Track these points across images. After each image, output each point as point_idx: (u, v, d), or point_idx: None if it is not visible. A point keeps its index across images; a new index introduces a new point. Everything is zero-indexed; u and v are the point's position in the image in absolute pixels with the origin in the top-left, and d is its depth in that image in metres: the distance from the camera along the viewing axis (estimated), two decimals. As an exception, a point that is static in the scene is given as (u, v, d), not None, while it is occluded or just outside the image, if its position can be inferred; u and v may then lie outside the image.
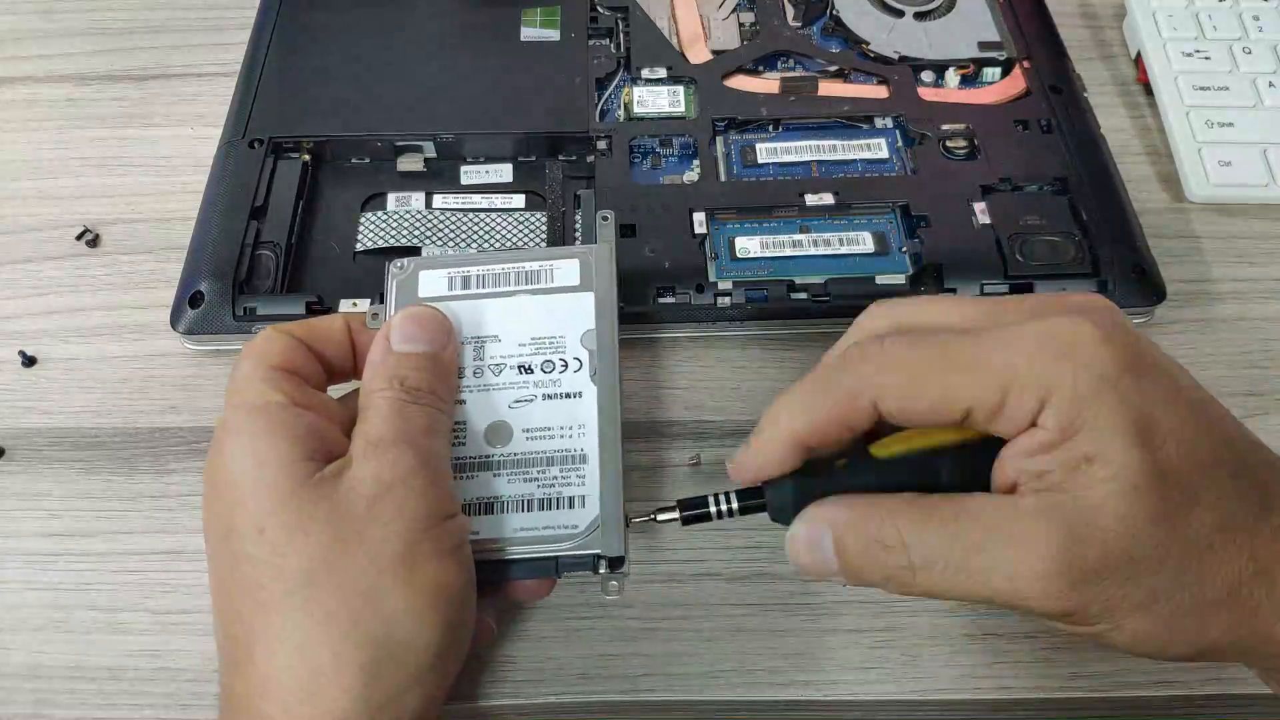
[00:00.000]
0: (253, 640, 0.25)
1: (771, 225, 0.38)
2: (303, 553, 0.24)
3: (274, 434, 0.26)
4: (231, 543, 0.25)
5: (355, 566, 0.24)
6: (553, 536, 0.28)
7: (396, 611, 0.24)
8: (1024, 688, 0.30)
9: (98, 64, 0.46)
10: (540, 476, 0.29)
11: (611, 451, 0.29)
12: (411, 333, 0.29)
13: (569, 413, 0.29)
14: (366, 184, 0.40)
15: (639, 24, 0.45)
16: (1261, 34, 0.44)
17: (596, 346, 0.30)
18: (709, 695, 0.30)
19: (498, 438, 0.29)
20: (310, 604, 0.24)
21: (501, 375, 0.30)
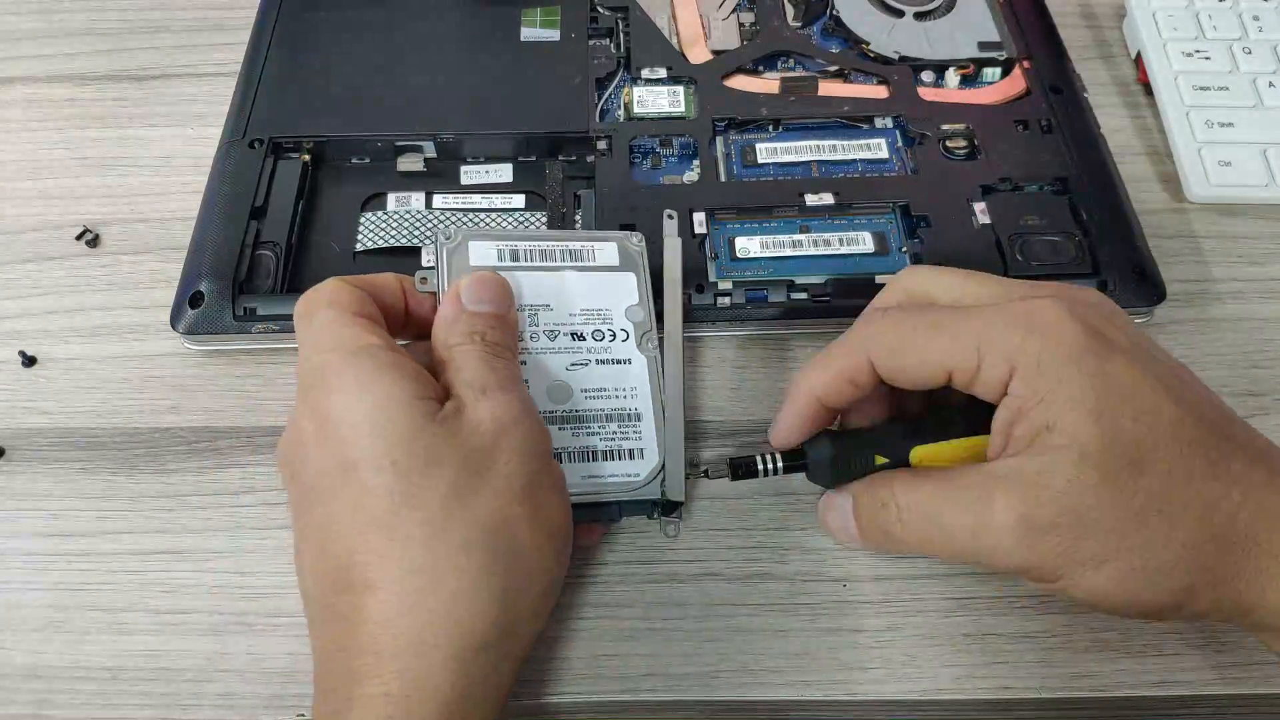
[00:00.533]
0: (378, 576, 0.25)
1: (771, 225, 0.38)
2: (438, 484, 0.25)
3: (388, 374, 0.27)
4: (356, 478, 0.26)
5: (487, 498, 0.26)
6: (616, 485, 0.31)
7: (524, 541, 0.26)
8: (1024, 688, 0.30)
9: (98, 64, 0.46)
10: (601, 431, 0.31)
11: (675, 410, 0.32)
12: (481, 294, 0.30)
13: (621, 376, 0.32)
14: (366, 184, 0.41)
15: (639, 24, 0.45)
16: (1261, 34, 0.44)
17: (643, 319, 0.33)
18: (709, 695, 0.30)
19: (559, 396, 0.31)
20: (448, 532, 0.25)
21: (557, 340, 0.32)
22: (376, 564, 0.25)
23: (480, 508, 0.26)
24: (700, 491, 0.34)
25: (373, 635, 0.25)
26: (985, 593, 0.32)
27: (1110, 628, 0.31)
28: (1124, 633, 0.31)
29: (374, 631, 0.25)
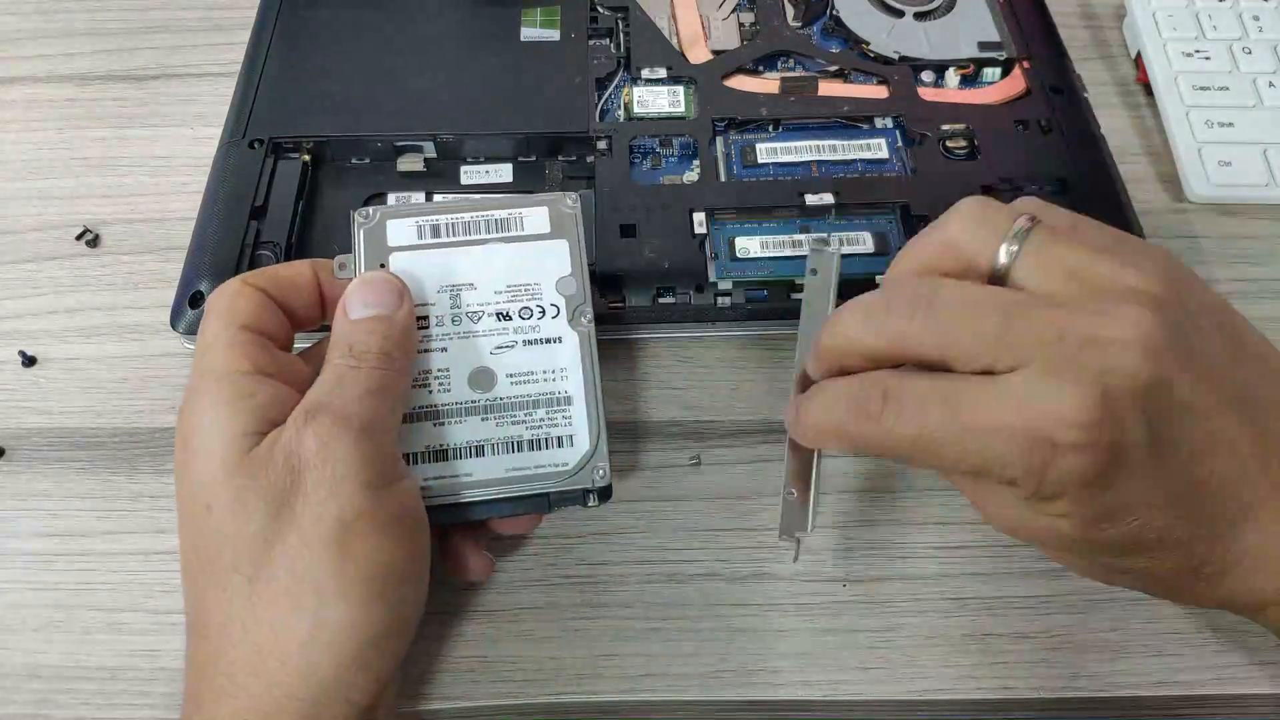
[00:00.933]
0: (209, 611, 0.25)
1: (771, 225, 0.38)
2: (243, 531, 0.25)
3: (230, 405, 0.26)
4: (188, 515, 0.26)
5: (290, 547, 0.25)
6: (544, 475, 0.29)
7: (331, 594, 0.24)
8: (1024, 688, 0.30)
9: (98, 64, 0.46)
10: (527, 419, 0.30)
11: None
12: (367, 297, 0.28)
13: (550, 357, 0.30)
14: (366, 184, 0.40)
15: (639, 24, 0.45)
16: (1261, 34, 0.44)
17: (575, 292, 0.31)
18: (709, 695, 0.30)
19: (482, 383, 0.30)
20: (254, 582, 0.25)
21: (480, 323, 0.30)
22: (206, 604, 0.25)
23: (282, 556, 0.25)
24: (700, 491, 0.34)
25: (209, 665, 0.25)
26: (985, 593, 0.32)
27: (1111, 628, 0.31)
28: (1124, 633, 0.31)
29: (209, 661, 0.25)
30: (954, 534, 0.33)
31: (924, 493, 0.33)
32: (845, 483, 0.34)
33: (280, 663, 0.24)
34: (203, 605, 0.26)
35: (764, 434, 0.35)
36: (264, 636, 0.24)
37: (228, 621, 0.25)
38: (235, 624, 0.25)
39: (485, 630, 0.31)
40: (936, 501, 0.33)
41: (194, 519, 0.26)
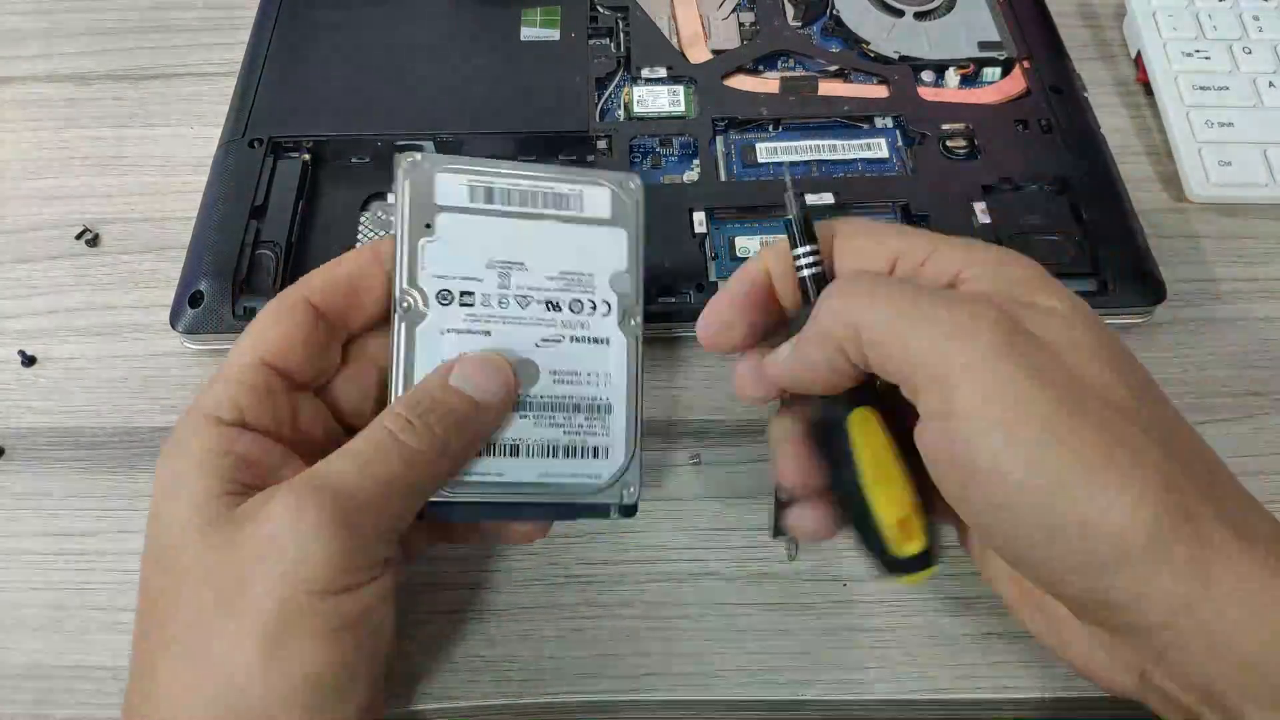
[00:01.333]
0: (148, 667, 0.24)
1: (772, 225, 0.38)
2: (188, 603, 0.23)
3: (203, 462, 0.24)
4: (145, 567, 0.25)
5: (226, 633, 0.23)
6: (576, 486, 0.28)
7: (255, 692, 0.22)
8: (1024, 687, 0.30)
9: (97, 64, 0.46)
10: (566, 423, 0.28)
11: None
12: (473, 373, 0.26)
13: (596, 359, 0.28)
14: (367, 183, 0.40)
15: (639, 23, 0.45)
16: (1261, 34, 0.44)
17: (629, 290, 0.29)
18: (710, 695, 0.30)
19: (525, 376, 0.28)
20: (185, 659, 0.23)
21: (529, 309, 0.28)
22: (145, 659, 0.24)
23: (216, 641, 0.23)
24: (700, 491, 0.34)
25: (141, 711, 0.24)
26: (986, 592, 0.31)
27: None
28: (1124, 632, 0.31)
29: (142, 708, 0.24)
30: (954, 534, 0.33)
31: (924, 492, 0.33)
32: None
33: None
34: (137, 663, 0.24)
35: (764, 434, 0.34)
36: (186, 715, 0.23)
37: (157, 686, 0.23)
38: (162, 690, 0.23)
39: (484, 630, 0.31)
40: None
41: (146, 569, 0.25)
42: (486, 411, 0.27)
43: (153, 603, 0.24)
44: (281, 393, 0.26)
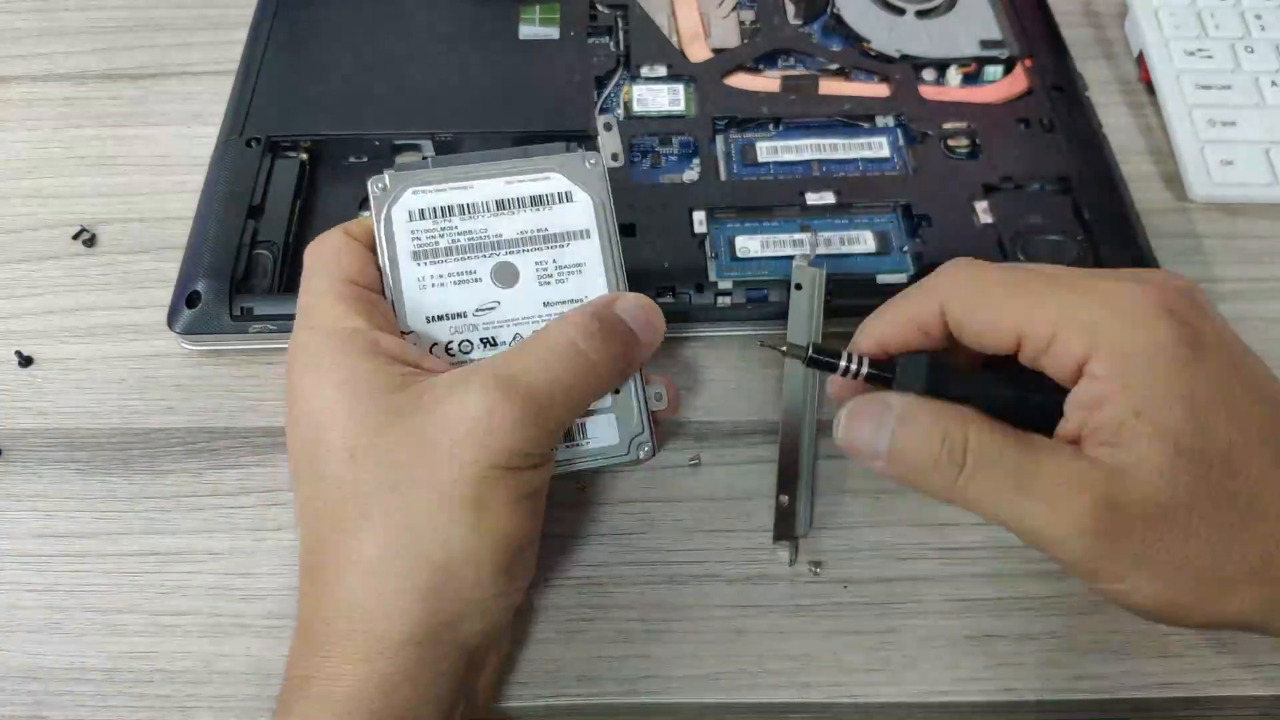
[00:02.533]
0: (329, 562, 0.26)
1: (772, 225, 0.38)
2: (382, 480, 0.25)
3: (360, 360, 0.26)
4: (317, 465, 0.26)
5: (425, 501, 0.25)
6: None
7: (456, 551, 0.25)
8: (1026, 689, 0.30)
9: (95, 63, 0.46)
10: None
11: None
12: (636, 309, 0.29)
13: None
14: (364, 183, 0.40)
15: (639, 22, 0.45)
16: (1264, 32, 0.44)
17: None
18: (710, 697, 0.30)
19: None
20: (380, 530, 0.25)
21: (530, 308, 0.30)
22: (326, 554, 0.26)
23: (415, 509, 0.25)
24: (700, 491, 0.33)
25: (328, 615, 0.25)
26: (987, 594, 0.31)
27: (1113, 630, 0.31)
28: (1126, 635, 0.31)
29: (328, 611, 0.25)
30: (956, 535, 0.33)
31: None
32: (846, 483, 0.34)
33: (401, 610, 0.25)
34: (325, 554, 0.26)
35: (764, 434, 0.34)
36: (387, 584, 0.25)
37: (349, 568, 0.25)
38: (357, 570, 0.25)
39: (484, 632, 0.31)
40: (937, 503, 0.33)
41: (324, 466, 0.26)
42: (645, 349, 0.29)
43: (331, 490, 0.26)
44: (378, 301, 0.29)
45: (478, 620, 0.26)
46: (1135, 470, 0.23)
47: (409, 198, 0.30)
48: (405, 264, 0.30)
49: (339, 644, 0.25)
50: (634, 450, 0.30)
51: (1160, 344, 0.24)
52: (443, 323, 0.30)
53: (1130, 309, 0.24)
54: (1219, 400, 0.23)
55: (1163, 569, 0.23)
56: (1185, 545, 0.23)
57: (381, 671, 0.25)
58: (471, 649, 0.26)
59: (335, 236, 0.29)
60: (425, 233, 0.30)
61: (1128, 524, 0.23)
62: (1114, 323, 0.24)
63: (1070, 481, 0.23)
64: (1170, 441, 0.23)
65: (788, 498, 0.32)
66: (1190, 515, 0.23)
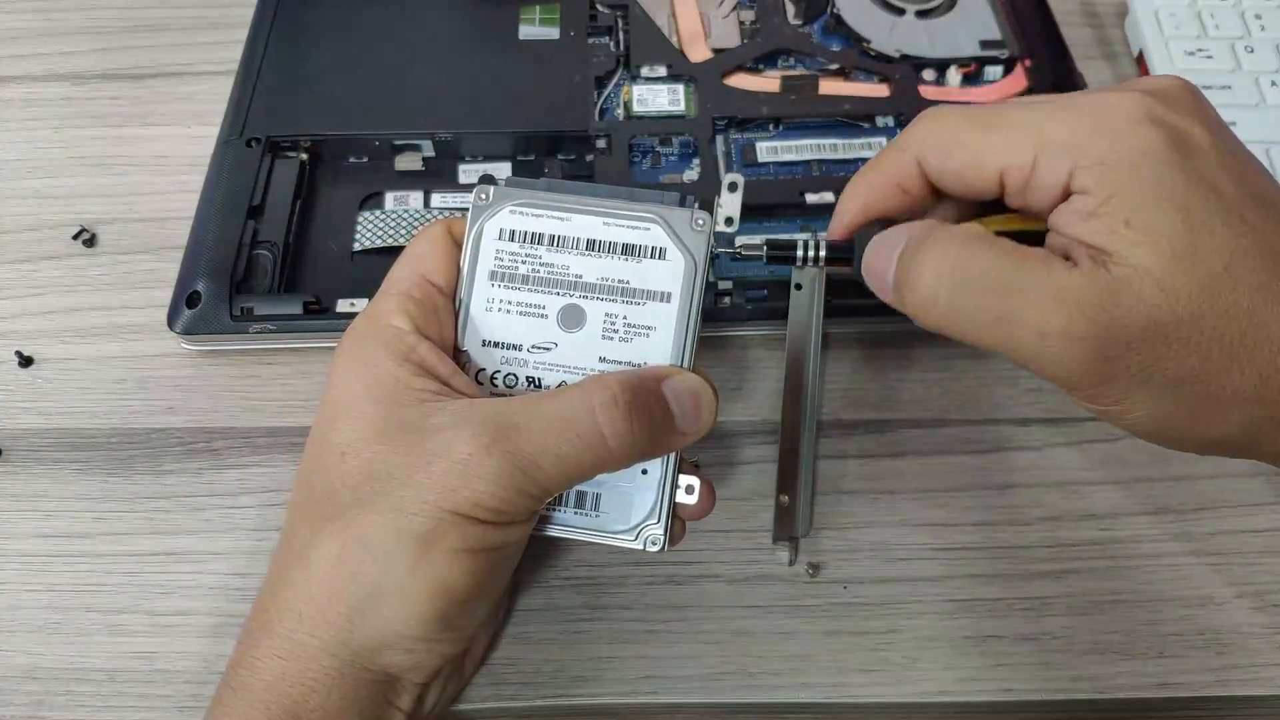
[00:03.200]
0: (288, 553, 0.26)
1: (772, 225, 0.38)
2: (358, 487, 0.25)
3: (388, 364, 0.26)
4: (318, 454, 0.26)
5: (382, 522, 0.24)
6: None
7: (390, 583, 0.24)
8: (1025, 690, 0.30)
9: (94, 63, 0.46)
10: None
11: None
12: (686, 397, 0.27)
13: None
14: (364, 183, 0.40)
15: (638, 22, 0.45)
16: (1264, 33, 0.44)
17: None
18: (710, 698, 0.30)
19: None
20: (338, 537, 0.25)
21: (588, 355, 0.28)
22: (291, 544, 0.26)
23: (371, 527, 0.24)
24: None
25: (262, 609, 0.26)
26: (987, 595, 0.31)
27: (1113, 630, 0.31)
28: (1126, 635, 0.31)
29: (265, 606, 0.26)
30: (955, 535, 0.33)
31: (925, 494, 0.33)
32: (846, 484, 0.34)
33: (325, 620, 0.24)
34: (290, 539, 0.26)
35: (764, 434, 0.34)
36: (320, 590, 0.25)
37: (302, 566, 0.25)
38: (307, 569, 0.25)
39: (484, 632, 0.31)
40: (938, 503, 0.33)
41: (322, 455, 0.26)
42: (679, 439, 0.27)
43: (320, 481, 0.26)
44: (443, 308, 0.28)
45: (399, 656, 0.25)
46: (1130, 282, 0.22)
47: (505, 215, 0.29)
48: (480, 281, 0.29)
49: (267, 637, 0.25)
50: (642, 539, 0.28)
51: (1145, 150, 0.22)
52: (496, 350, 0.28)
53: (1110, 119, 0.23)
54: (1214, 203, 0.22)
55: (1160, 387, 0.22)
56: (1184, 361, 0.22)
57: (297, 672, 0.24)
58: (396, 678, 0.26)
59: (438, 228, 0.29)
60: (509, 255, 0.29)
61: (1124, 339, 0.22)
62: (1094, 135, 0.23)
63: (1063, 297, 0.22)
64: (1165, 248, 0.22)
65: (788, 498, 0.32)
66: (1190, 328, 0.22)
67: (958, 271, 0.23)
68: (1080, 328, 0.22)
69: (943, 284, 0.24)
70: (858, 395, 0.36)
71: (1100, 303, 0.22)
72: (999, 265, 0.23)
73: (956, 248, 0.24)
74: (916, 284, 0.24)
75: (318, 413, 0.27)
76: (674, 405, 0.26)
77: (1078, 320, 0.22)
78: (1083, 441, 0.34)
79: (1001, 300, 0.23)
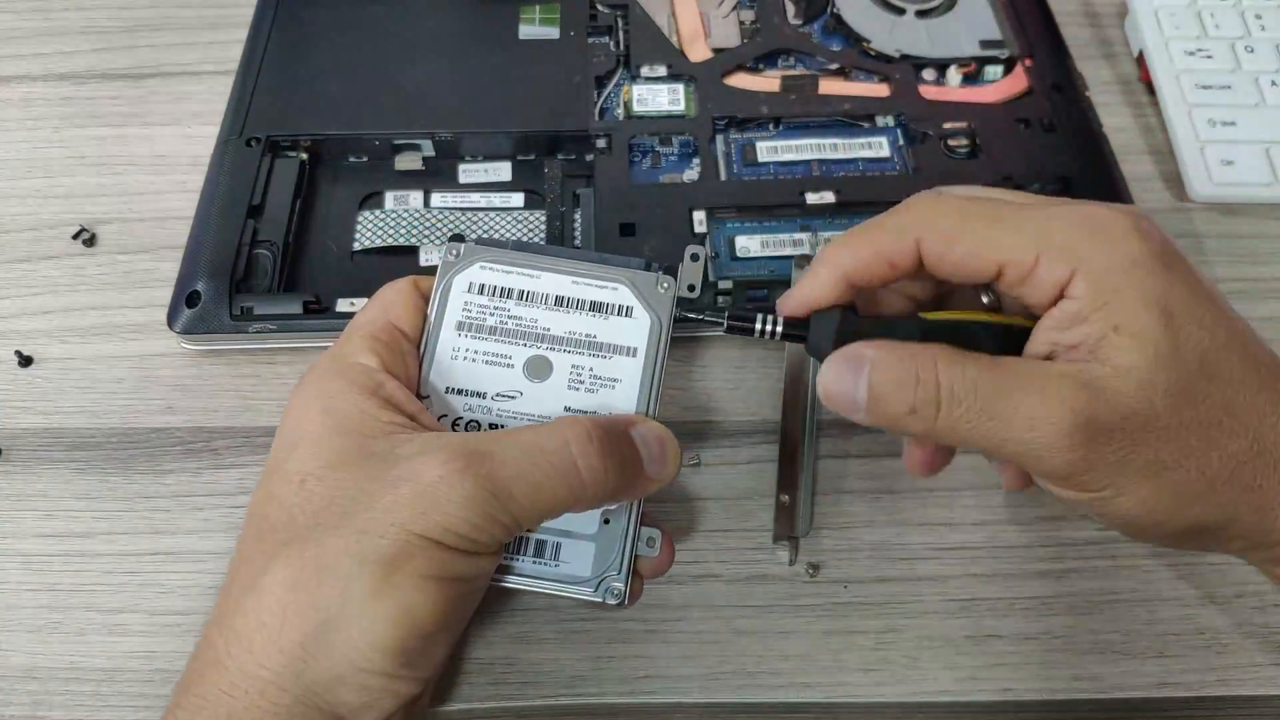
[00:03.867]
0: (240, 580, 0.25)
1: (772, 224, 0.38)
2: (318, 512, 0.24)
3: (354, 396, 0.26)
4: (272, 483, 0.26)
5: (343, 547, 0.24)
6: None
7: (351, 609, 0.23)
8: (1025, 690, 0.30)
9: (94, 63, 0.46)
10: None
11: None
12: (653, 444, 0.27)
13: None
14: (364, 183, 0.40)
15: (638, 22, 0.45)
16: (1264, 32, 0.44)
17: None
18: (709, 698, 0.30)
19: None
20: (294, 562, 0.24)
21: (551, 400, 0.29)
22: (243, 570, 0.25)
23: (328, 553, 0.24)
24: (700, 491, 0.33)
25: (210, 639, 0.25)
26: (987, 595, 0.31)
27: (1113, 630, 0.31)
28: (1125, 634, 0.31)
29: (213, 636, 0.25)
30: (955, 535, 0.33)
31: (925, 493, 0.33)
32: (846, 484, 0.34)
33: (277, 647, 0.23)
34: (241, 566, 0.25)
35: (764, 434, 0.34)
36: (273, 616, 0.24)
37: (252, 594, 0.24)
38: (257, 596, 0.24)
39: (483, 632, 0.31)
40: (938, 503, 0.33)
41: (277, 484, 0.25)
42: (646, 483, 0.27)
43: (276, 507, 0.25)
44: (408, 352, 0.29)
45: (354, 693, 0.24)
46: (1115, 381, 0.24)
47: (476, 270, 0.30)
48: (447, 331, 0.29)
49: (215, 671, 0.24)
50: (601, 591, 0.27)
51: (1136, 259, 0.24)
52: (460, 397, 0.29)
53: (1106, 228, 0.25)
54: (1191, 309, 0.24)
55: (1142, 477, 0.24)
56: (1164, 448, 0.24)
57: (239, 713, 0.23)
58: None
59: (403, 282, 0.30)
60: (478, 307, 0.29)
61: (1108, 433, 0.24)
62: (1093, 242, 0.25)
63: (1049, 395, 0.24)
64: (1150, 351, 0.24)
65: (788, 497, 0.32)
66: (1168, 418, 0.24)
67: (945, 388, 0.25)
68: (1067, 418, 0.23)
69: (929, 402, 0.25)
70: (858, 395, 0.36)
71: (1085, 396, 0.24)
72: (985, 376, 0.25)
73: (942, 367, 0.25)
74: (895, 403, 0.25)
75: (274, 445, 0.26)
76: (642, 449, 0.27)
77: (1064, 412, 0.24)
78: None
79: (992, 403, 0.24)
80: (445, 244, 0.30)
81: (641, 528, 0.28)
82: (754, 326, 0.27)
